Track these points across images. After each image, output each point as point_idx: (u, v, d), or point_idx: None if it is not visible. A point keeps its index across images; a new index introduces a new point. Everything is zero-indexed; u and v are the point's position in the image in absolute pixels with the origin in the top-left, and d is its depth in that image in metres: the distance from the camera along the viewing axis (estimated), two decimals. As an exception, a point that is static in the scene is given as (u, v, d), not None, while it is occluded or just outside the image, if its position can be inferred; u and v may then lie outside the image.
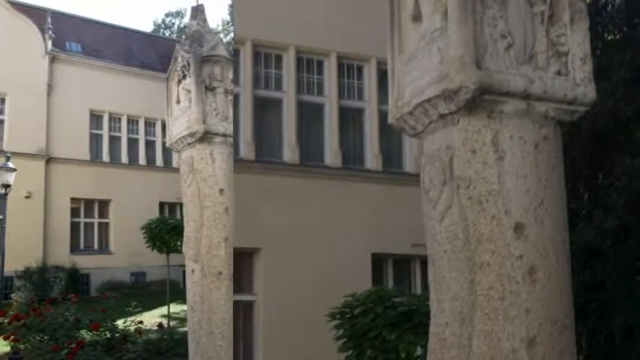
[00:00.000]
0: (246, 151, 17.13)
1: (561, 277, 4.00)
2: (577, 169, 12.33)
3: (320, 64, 18.16)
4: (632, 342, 11.17)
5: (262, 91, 17.61)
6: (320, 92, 18.12)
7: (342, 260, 16.58)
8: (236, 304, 17.12)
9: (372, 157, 18.22)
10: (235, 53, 17.39)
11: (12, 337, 16.62)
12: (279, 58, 17.81)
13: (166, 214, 37.92)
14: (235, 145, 17.26)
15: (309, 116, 18.01)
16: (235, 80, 17.44)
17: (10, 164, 28.40)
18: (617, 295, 11.29)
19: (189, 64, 8.44)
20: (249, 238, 16.52)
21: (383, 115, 17.22)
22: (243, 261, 17.17)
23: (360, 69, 18.59)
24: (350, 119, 18.45)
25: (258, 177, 16.73)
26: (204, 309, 8.34)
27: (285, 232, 16.54)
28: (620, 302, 11.20)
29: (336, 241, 16.75)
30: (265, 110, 17.65)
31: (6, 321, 18.46)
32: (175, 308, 25.03)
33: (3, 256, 27.91)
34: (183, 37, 9.64)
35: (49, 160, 36.12)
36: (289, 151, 17.42)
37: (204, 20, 9.11)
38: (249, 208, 16.36)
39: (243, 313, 17.08)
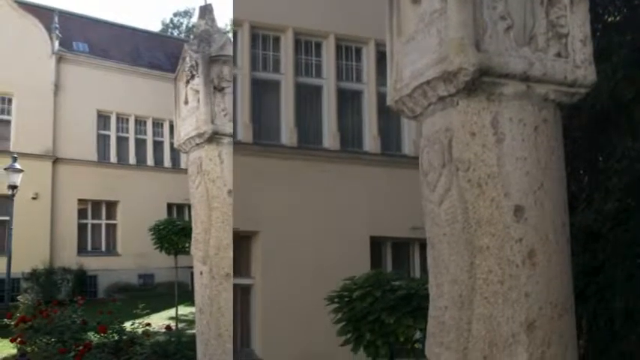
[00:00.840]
0: (244, 133, 17.13)
1: (561, 261, 3.98)
2: (577, 151, 12.33)
3: (318, 45, 18.14)
4: (632, 325, 11.18)
5: (260, 73, 17.59)
6: (318, 74, 18.10)
7: (340, 243, 16.61)
8: (234, 287, 17.14)
9: (371, 140, 18.22)
10: (233, 35, 17.36)
11: (19, 339, 16.61)
12: (277, 40, 17.80)
13: (174, 215, 37.79)
14: (233, 128, 17.23)
15: (308, 98, 18.01)
16: (233, 61, 17.40)
17: (17, 165, 28.27)
18: (618, 278, 11.29)
19: (197, 64, 8.39)
20: (247, 221, 16.53)
21: (382, 97, 17.23)
22: (240, 244, 17.18)
23: (358, 51, 18.57)
24: (348, 101, 18.45)
25: (256, 159, 16.73)
26: (212, 311, 8.33)
27: (284, 215, 16.56)
28: (621, 285, 11.21)
29: (334, 224, 16.77)
30: (263, 92, 17.62)
31: (12, 323, 18.43)
32: (183, 310, 24.96)
33: (9, 257, 27.85)
34: (192, 36, 9.61)
35: (56, 161, 35.94)
36: (287, 134, 17.42)
37: (213, 20, 9.07)
38: (247, 191, 16.36)
39: (240, 297, 17.09)
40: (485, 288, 3.84)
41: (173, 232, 22.62)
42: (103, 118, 39.20)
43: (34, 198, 33.80)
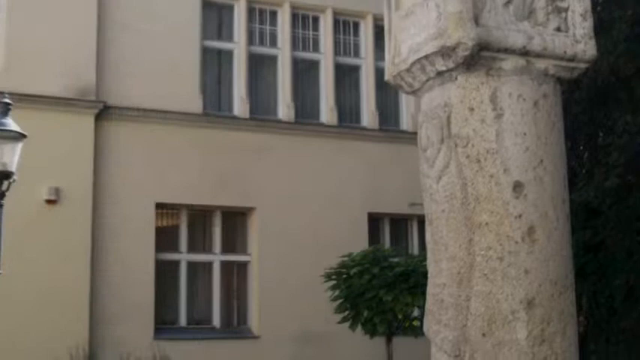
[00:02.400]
0: (241, 108, 17.06)
1: (561, 237, 3.96)
2: (577, 126, 12.29)
3: (315, 20, 18.08)
4: (632, 302, 11.19)
5: (257, 47, 17.54)
6: (315, 49, 18.06)
7: (337, 220, 16.60)
8: (230, 264, 17.15)
9: (369, 115, 18.19)
10: (229, 9, 17.28)
11: None
12: (273, 14, 17.73)
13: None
14: (229, 102, 17.20)
15: (305, 73, 17.97)
16: (229, 36, 17.35)
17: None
18: (618, 255, 11.30)
19: None
20: (243, 197, 16.52)
21: (379, 72, 17.17)
22: (237, 221, 17.16)
23: (356, 25, 18.52)
24: (346, 76, 18.43)
25: (252, 135, 16.71)
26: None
27: (280, 191, 16.55)
28: (621, 262, 11.21)
29: (331, 200, 16.77)
30: (260, 67, 17.59)
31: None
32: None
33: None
34: None
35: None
36: (284, 109, 17.39)
37: None
38: (243, 166, 16.33)
39: (237, 274, 17.08)
40: (484, 265, 3.81)
41: None
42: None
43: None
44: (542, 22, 4.07)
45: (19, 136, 11.65)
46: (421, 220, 8.22)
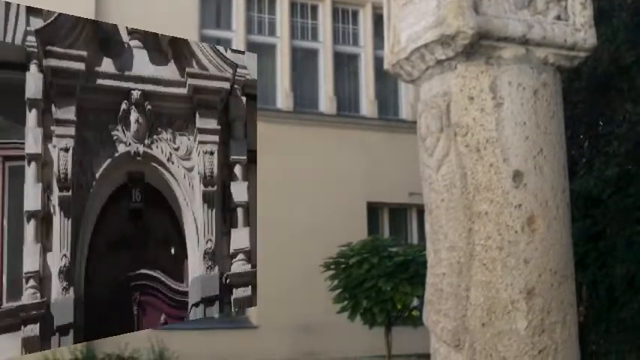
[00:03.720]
0: (240, 97, 16.98)
1: (561, 227, 3.96)
2: (577, 115, 12.27)
3: (314, 8, 18.06)
4: (633, 292, 11.16)
5: (255, 36, 17.52)
6: (314, 37, 18.05)
7: (336, 209, 16.60)
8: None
9: (368, 104, 18.18)
10: (228, -1, 17.26)
11: None
12: (272, 3, 17.71)
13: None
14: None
15: (304, 62, 17.94)
16: (228, 25, 17.32)
17: None
18: (618, 245, 11.27)
19: None
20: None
21: (379, 61, 17.16)
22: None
23: (355, 14, 18.51)
24: (345, 65, 18.40)
25: (251, 124, 16.63)
26: None
27: (279, 180, 16.49)
28: (621, 252, 11.19)
29: (330, 190, 16.76)
30: (259, 56, 17.52)
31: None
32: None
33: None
34: None
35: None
36: (283, 98, 17.38)
37: None
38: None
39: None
40: (484, 254, 3.81)
41: None
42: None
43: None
44: (542, 11, 4.07)
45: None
46: (420, 210, 8.23)
